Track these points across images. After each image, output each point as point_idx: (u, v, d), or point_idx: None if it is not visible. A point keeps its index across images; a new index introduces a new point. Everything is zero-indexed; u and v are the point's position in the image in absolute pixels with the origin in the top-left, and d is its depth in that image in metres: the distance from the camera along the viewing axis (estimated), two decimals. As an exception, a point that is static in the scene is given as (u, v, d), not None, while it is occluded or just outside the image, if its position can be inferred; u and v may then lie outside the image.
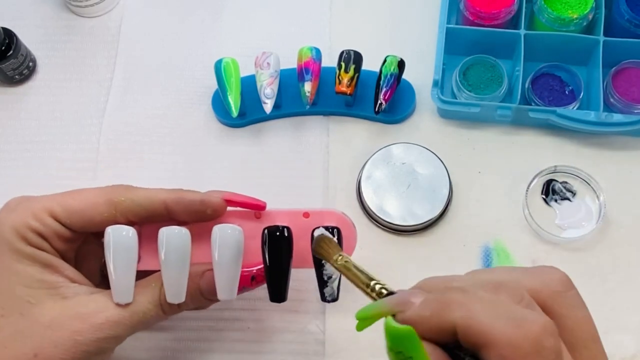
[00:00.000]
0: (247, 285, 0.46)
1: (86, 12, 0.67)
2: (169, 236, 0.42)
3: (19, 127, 0.63)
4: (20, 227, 0.41)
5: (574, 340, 0.30)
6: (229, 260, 0.43)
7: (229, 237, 0.43)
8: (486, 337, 0.27)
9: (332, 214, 0.46)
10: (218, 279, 0.43)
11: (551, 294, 0.31)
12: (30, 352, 0.40)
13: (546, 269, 0.32)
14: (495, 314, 0.28)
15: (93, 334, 0.41)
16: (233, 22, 0.67)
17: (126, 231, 0.42)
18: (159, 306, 0.43)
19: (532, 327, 0.27)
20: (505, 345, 0.27)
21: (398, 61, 0.58)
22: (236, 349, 0.54)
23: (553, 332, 0.28)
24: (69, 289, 0.42)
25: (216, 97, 0.62)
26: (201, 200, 0.44)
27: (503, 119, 0.59)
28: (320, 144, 0.61)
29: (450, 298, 0.29)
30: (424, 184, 0.57)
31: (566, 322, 0.30)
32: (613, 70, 0.59)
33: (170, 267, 0.42)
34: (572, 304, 0.31)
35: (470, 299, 0.29)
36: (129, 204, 0.43)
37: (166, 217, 0.44)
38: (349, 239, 0.46)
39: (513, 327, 0.27)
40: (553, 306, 0.30)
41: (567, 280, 0.32)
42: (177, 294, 0.43)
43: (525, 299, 0.29)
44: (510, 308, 0.28)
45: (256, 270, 0.45)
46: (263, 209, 0.46)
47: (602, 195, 0.57)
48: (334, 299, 0.44)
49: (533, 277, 0.31)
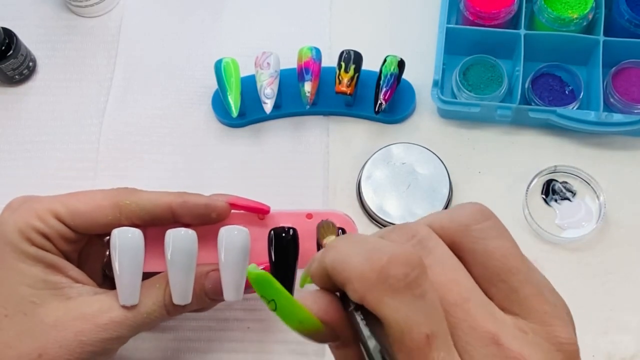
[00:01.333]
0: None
1: (86, 12, 0.67)
2: (175, 238, 0.42)
3: (19, 127, 0.63)
4: (24, 227, 0.41)
5: (488, 274, 0.27)
6: (235, 262, 0.43)
7: (235, 238, 0.43)
8: (344, 274, 0.26)
9: (336, 216, 0.47)
10: (225, 280, 0.43)
11: (459, 228, 0.28)
12: (35, 352, 0.40)
13: (462, 204, 0.30)
14: (356, 251, 0.26)
15: (97, 334, 0.41)
16: (233, 22, 0.67)
17: (132, 233, 0.42)
18: (163, 307, 0.43)
19: (380, 257, 0.25)
20: (356, 279, 0.26)
21: (398, 61, 0.58)
22: (236, 349, 0.54)
23: (407, 262, 0.25)
24: (73, 290, 0.42)
25: (216, 97, 0.62)
26: (206, 204, 0.44)
27: (503, 119, 0.59)
28: (320, 144, 0.61)
29: (332, 244, 0.29)
30: (424, 184, 0.57)
31: (475, 257, 0.28)
32: (613, 70, 0.59)
33: (176, 269, 0.42)
34: (481, 236, 0.28)
35: (347, 242, 0.28)
36: (134, 207, 0.43)
37: (171, 220, 0.44)
38: None
39: (364, 260, 0.26)
40: (461, 242, 0.28)
41: (479, 213, 0.29)
42: (183, 296, 0.43)
43: (416, 237, 0.28)
44: (375, 244, 0.27)
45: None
46: (267, 213, 0.47)
47: (602, 195, 0.57)
48: None
49: (445, 215, 0.29)
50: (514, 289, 0.27)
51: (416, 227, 0.28)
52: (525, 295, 0.27)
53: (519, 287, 0.27)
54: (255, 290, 0.29)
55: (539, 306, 0.27)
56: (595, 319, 0.54)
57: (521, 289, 0.27)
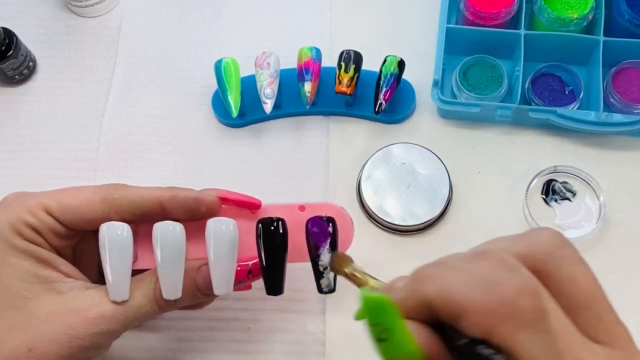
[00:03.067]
0: (243, 279, 0.45)
1: (86, 12, 0.67)
2: (163, 231, 0.42)
3: (19, 127, 0.63)
4: (15, 221, 0.41)
5: (574, 302, 0.27)
6: (223, 254, 0.43)
7: (223, 230, 0.43)
8: (459, 307, 0.25)
9: (329, 207, 0.47)
10: (214, 273, 0.43)
11: (541, 255, 0.28)
12: (25, 346, 0.40)
13: (537, 230, 0.29)
14: (468, 282, 0.26)
15: (87, 328, 0.41)
16: (233, 22, 0.67)
17: (121, 228, 0.42)
18: (154, 301, 0.43)
19: (506, 289, 0.25)
20: (479, 312, 0.25)
21: (398, 61, 0.58)
22: (236, 349, 0.54)
23: (532, 292, 0.25)
24: (64, 284, 0.42)
25: (216, 97, 0.62)
26: (195, 197, 0.44)
27: (503, 119, 0.59)
28: (320, 144, 0.61)
29: (425, 272, 0.28)
30: (424, 184, 0.57)
31: (561, 284, 0.27)
32: (613, 70, 0.59)
33: (165, 263, 0.42)
34: (566, 263, 0.27)
35: (444, 270, 0.27)
36: (123, 201, 0.43)
37: (161, 215, 0.44)
38: (346, 231, 0.46)
39: (485, 293, 0.25)
40: (544, 268, 0.27)
41: (558, 239, 0.28)
42: (173, 290, 0.43)
43: (508, 263, 0.27)
44: (486, 274, 0.26)
45: (252, 264, 0.45)
46: (258, 208, 0.46)
47: (602, 195, 0.57)
48: (330, 290, 0.44)
49: (521, 241, 0.28)
50: (599, 317, 0.27)
51: (501, 255, 0.27)
52: (610, 322, 0.27)
53: (603, 314, 0.27)
54: (365, 316, 0.27)
55: (621, 334, 0.27)
56: (595, 319, 0.54)
57: (605, 316, 0.27)
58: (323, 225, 0.43)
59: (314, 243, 0.43)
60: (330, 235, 0.43)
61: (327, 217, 0.44)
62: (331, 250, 0.43)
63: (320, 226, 0.43)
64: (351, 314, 0.33)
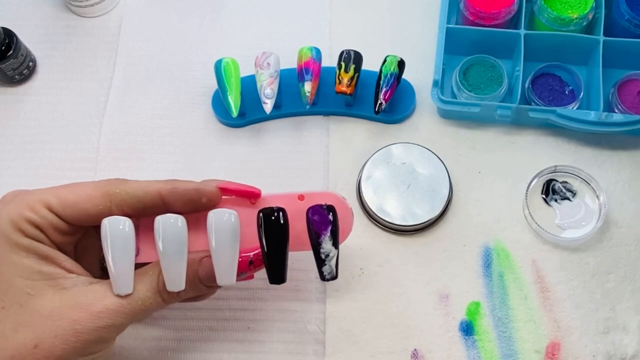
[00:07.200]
0: (245, 270, 0.45)
1: (86, 12, 0.67)
2: (164, 224, 0.42)
3: (19, 127, 0.63)
4: (16, 218, 0.41)
5: None
6: (225, 245, 0.43)
7: (224, 221, 0.43)
8: None
9: (328, 195, 0.47)
10: (216, 264, 0.43)
11: None
12: (31, 342, 0.40)
13: None
14: None
15: (92, 322, 0.41)
16: (233, 22, 0.67)
17: (122, 222, 0.42)
18: (157, 294, 0.43)
19: None
20: None
21: (398, 61, 0.58)
22: (236, 349, 0.54)
23: None
24: (68, 280, 0.42)
25: (216, 97, 0.62)
26: (196, 189, 0.44)
27: (503, 119, 0.59)
28: (320, 144, 0.61)
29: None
30: (424, 184, 0.57)
31: None
32: (618, 81, 0.58)
33: (167, 255, 0.42)
34: None
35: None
36: (124, 195, 0.43)
37: (162, 208, 0.44)
38: (345, 220, 0.47)
39: None
40: None
41: None
42: (176, 282, 0.43)
43: None
44: None
45: (253, 255, 0.45)
46: (258, 197, 0.46)
47: (602, 195, 0.57)
48: (333, 277, 0.44)
49: None
50: None
51: None
52: None
53: None
54: None
55: None
56: (595, 319, 0.54)
57: None
58: (324, 214, 0.44)
59: (315, 231, 0.44)
60: (331, 223, 0.44)
61: (327, 206, 0.44)
62: (332, 237, 0.44)
63: (321, 214, 0.44)
64: (351, 314, 0.33)
